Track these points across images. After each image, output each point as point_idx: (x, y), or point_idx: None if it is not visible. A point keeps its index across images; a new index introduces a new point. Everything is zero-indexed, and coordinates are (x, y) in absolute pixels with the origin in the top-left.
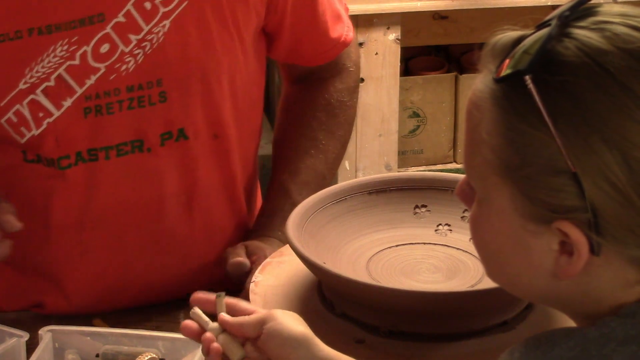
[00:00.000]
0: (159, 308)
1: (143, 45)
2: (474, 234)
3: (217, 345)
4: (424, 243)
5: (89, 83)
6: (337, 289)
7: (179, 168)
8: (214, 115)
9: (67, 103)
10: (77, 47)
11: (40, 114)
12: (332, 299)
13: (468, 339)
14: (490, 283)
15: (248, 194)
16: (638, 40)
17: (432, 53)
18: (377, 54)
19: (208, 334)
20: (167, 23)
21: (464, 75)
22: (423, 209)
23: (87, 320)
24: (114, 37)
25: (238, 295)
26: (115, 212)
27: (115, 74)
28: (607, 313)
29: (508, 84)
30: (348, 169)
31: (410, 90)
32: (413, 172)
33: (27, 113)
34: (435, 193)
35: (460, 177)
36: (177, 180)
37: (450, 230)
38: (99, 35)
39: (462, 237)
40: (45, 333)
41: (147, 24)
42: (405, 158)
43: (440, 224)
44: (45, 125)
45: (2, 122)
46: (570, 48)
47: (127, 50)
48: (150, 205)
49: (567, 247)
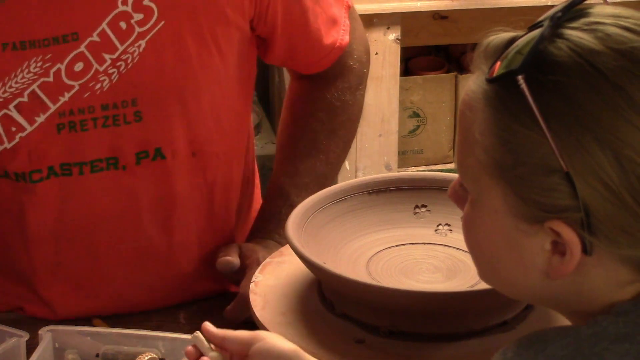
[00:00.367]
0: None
1: (118, 65)
2: (467, 235)
3: None
4: (424, 243)
5: (63, 100)
6: (337, 289)
7: (156, 185)
8: (194, 135)
9: (40, 119)
10: (50, 64)
11: (13, 129)
12: (332, 299)
13: (468, 339)
14: None
15: (237, 204)
16: (630, 41)
17: (432, 53)
18: (377, 54)
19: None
20: (142, 43)
21: (464, 75)
22: (423, 209)
23: (87, 321)
24: (88, 56)
25: (233, 300)
26: (91, 225)
27: (90, 92)
28: (600, 312)
29: (501, 84)
30: (348, 169)
31: (410, 90)
32: (413, 172)
33: None
34: (435, 193)
35: None
36: (153, 197)
37: (450, 230)
38: (73, 54)
39: (462, 237)
40: (45, 333)
41: (122, 44)
42: (405, 158)
43: (440, 224)
44: (18, 140)
45: None
46: (563, 48)
47: (101, 70)
48: (126, 220)
49: (559, 247)
